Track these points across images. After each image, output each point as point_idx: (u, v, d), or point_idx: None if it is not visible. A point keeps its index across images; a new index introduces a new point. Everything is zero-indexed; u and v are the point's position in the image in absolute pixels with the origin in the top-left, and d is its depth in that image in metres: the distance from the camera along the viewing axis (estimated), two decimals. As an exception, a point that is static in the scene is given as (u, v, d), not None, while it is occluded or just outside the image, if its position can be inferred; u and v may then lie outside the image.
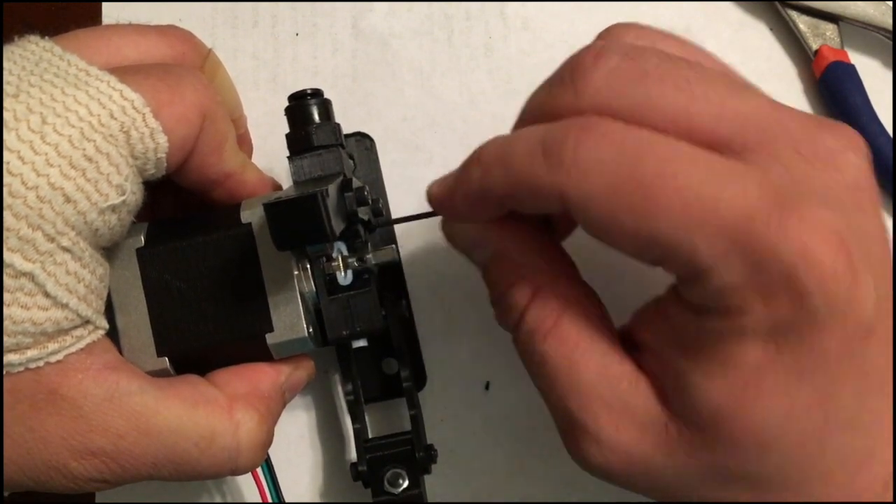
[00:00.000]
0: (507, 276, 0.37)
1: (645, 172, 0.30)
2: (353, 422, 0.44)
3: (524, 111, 0.36)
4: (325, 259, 0.40)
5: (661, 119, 0.31)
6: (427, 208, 0.38)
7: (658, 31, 0.36)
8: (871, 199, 0.32)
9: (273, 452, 0.41)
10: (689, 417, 0.32)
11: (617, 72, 0.32)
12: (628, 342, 0.35)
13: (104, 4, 0.52)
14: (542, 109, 0.34)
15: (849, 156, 0.32)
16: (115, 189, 0.35)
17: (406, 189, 0.50)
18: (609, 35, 0.37)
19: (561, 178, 0.31)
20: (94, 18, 0.52)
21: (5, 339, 0.33)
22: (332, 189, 0.37)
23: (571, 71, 0.33)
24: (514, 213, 0.35)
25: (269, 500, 0.42)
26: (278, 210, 0.35)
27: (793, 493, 0.32)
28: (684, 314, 0.32)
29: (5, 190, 0.32)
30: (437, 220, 0.50)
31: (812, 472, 0.32)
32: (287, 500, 0.43)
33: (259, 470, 0.41)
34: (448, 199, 0.37)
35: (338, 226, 0.37)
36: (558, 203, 0.31)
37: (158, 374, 0.38)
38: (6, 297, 0.33)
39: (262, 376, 0.39)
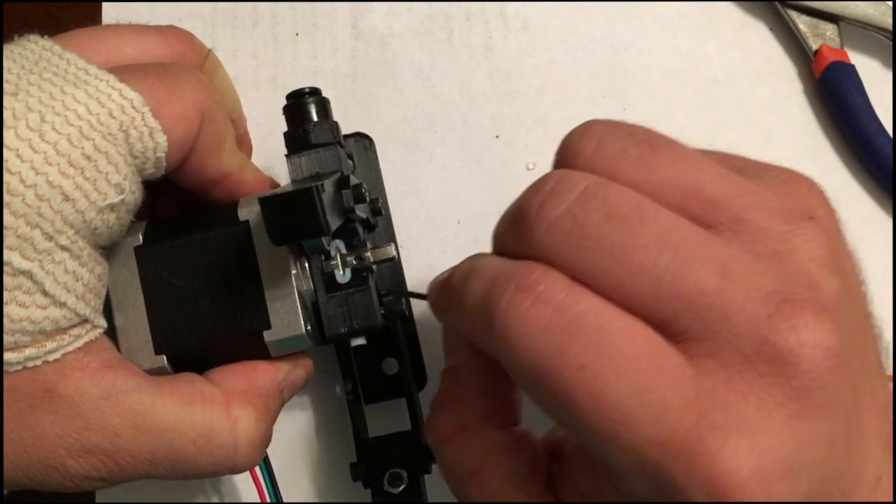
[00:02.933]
0: (448, 394, 0.37)
1: (566, 364, 0.28)
2: (353, 421, 0.44)
3: (493, 234, 0.34)
4: (323, 257, 0.40)
5: (600, 286, 0.30)
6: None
7: (622, 140, 0.32)
8: (822, 395, 0.28)
9: (272, 452, 0.41)
10: None
11: (557, 227, 0.30)
12: (558, 465, 0.35)
13: (104, 4, 0.52)
14: (502, 242, 0.33)
15: (803, 353, 0.28)
16: (113, 188, 0.35)
17: (406, 189, 0.50)
18: (565, 151, 0.33)
19: (493, 343, 0.30)
20: (93, 18, 0.52)
21: (3, 337, 0.33)
22: (329, 185, 0.37)
23: (519, 216, 0.32)
24: None
25: (268, 501, 0.42)
26: (273, 204, 0.35)
27: None
28: (607, 485, 0.32)
29: (4, 188, 0.32)
30: (437, 220, 0.50)
31: None
32: (286, 501, 0.43)
33: (258, 470, 0.41)
34: (434, 309, 0.37)
35: (333, 221, 0.37)
36: (496, 359, 0.31)
37: (156, 372, 0.38)
38: (4, 295, 0.33)
39: (260, 373, 0.39)
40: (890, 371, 0.35)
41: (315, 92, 0.43)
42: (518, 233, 0.31)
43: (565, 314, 0.29)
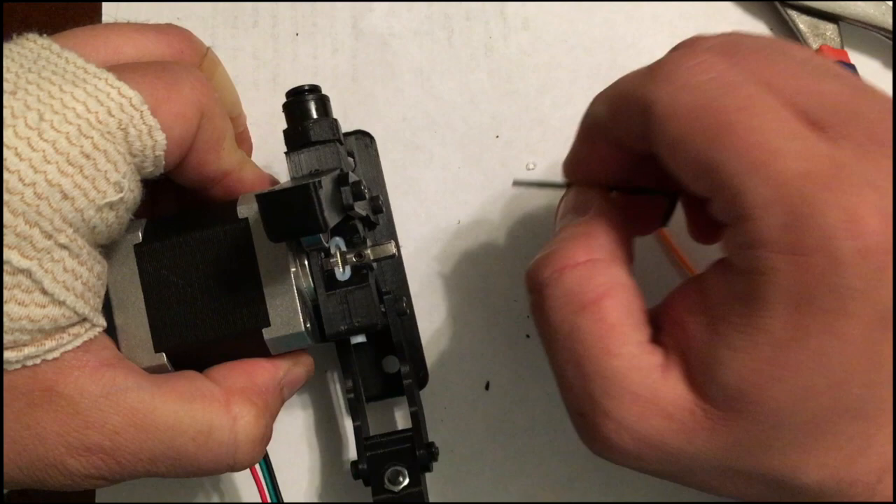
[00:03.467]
0: (573, 235, 0.37)
1: (728, 105, 0.32)
2: (354, 420, 0.44)
3: None
4: (322, 254, 0.40)
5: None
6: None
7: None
8: None
9: (272, 451, 0.41)
10: (715, 396, 0.32)
11: (717, 45, 0.35)
12: (659, 321, 0.36)
13: (103, 4, 0.52)
14: None
15: None
16: (112, 186, 0.35)
17: (406, 188, 0.50)
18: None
19: (654, 89, 0.33)
20: (93, 18, 0.52)
21: (3, 335, 0.33)
22: (327, 181, 0.37)
23: (676, 47, 0.36)
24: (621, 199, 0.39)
25: (269, 500, 0.42)
26: (271, 201, 0.35)
27: (790, 470, 0.33)
28: (716, 279, 0.33)
29: (3, 186, 0.32)
30: (438, 219, 0.50)
31: (812, 454, 0.32)
32: (286, 500, 0.43)
33: (258, 468, 0.41)
34: (573, 153, 0.40)
35: (332, 218, 0.37)
36: (642, 117, 0.34)
37: (156, 370, 0.38)
38: (4, 293, 0.33)
39: (260, 371, 0.39)
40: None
41: (315, 89, 0.43)
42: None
43: (729, 74, 0.33)
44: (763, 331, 0.31)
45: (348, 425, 0.45)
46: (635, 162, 0.38)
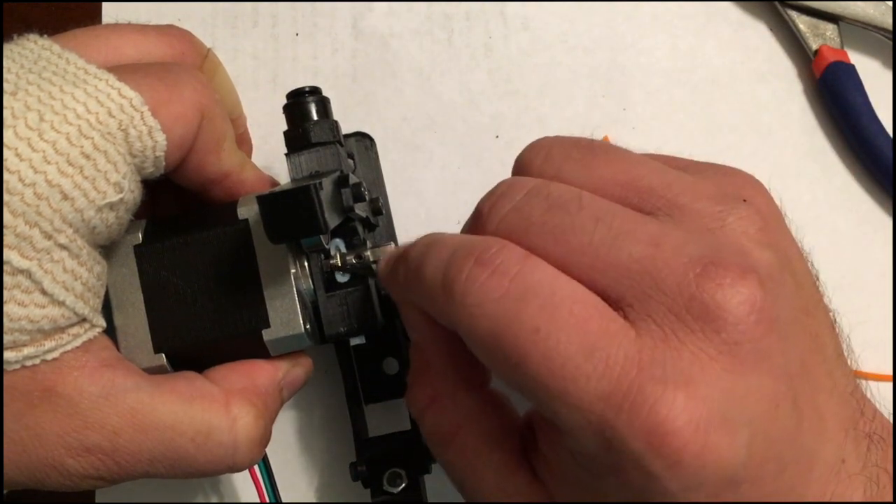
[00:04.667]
0: (418, 368, 0.39)
1: (521, 328, 0.31)
2: (353, 421, 0.44)
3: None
4: (322, 256, 0.40)
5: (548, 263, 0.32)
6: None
7: (566, 148, 0.36)
8: (752, 348, 0.30)
9: (271, 452, 0.41)
10: None
11: (506, 222, 0.34)
12: (531, 435, 0.36)
13: (104, 4, 0.52)
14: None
15: (728, 307, 0.30)
16: (112, 187, 0.35)
17: (406, 189, 0.50)
18: (519, 164, 0.37)
19: (452, 312, 0.33)
20: (93, 18, 0.52)
21: (2, 336, 0.33)
22: (327, 183, 0.37)
23: (474, 218, 0.35)
24: None
25: (267, 501, 0.42)
26: (271, 202, 0.35)
27: None
28: (564, 452, 0.33)
29: (3, 186, 0.32)
30: (438, 219, 0.50)
31: None
32: (285, 501, 0.42)
33: (257, 470, 0.41)
34: (386, 283, 0.39)
35: (332, 219, 0.37)
36: (454, 329, 0.33)
37: (156, 370, 0.38)
38: (3, 294, 0.33)
39: (260, 372, 0.39)
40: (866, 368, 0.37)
41: (315, 91, 0.43)
42: (473, 232, 0.35)
43: (521, 283, 0.31)
44: None
45: (347, 426, 0.45)
46: None
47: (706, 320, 0.30)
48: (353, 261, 0.40)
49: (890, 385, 0.48)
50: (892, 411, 0.36)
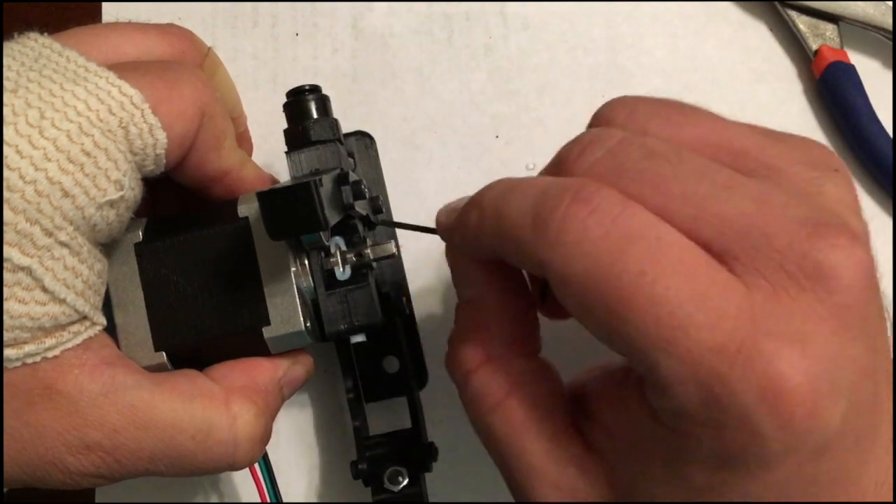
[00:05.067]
0: (470, 327, 0.37)
1: (625, 269, 0.29)
2: (353, 419, 0.44)
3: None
4: (323, 254, 0.40)
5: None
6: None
7: (652, 105, 0.35)
8: (859, 315, 0.29)
9: (272, 451, 0.41)
10: None
11: (597, 166, 0.32)
12: (581, 406, 0.35)
13: (104, 4, 0.52)
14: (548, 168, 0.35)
15: (842, 269, 0.29)
16: (113, 184, 0.35)
17: (406, 189, 0.50)
18: (599, 118, 0.35)
19: (544, 250, 0.31)
20: (93, 18, 0.52)
21: (3, 333, 0.33)
22: (327, 180, 0.37)
23: (557, 164, 0.33)
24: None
25: (268, 500, 0.42)
26: (271, 199, 0.35)
27: None
28: (641, 413, 0.32)
29: (4, 184, 0.32)
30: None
31: None
32: (285, 500, 0.42)
33: (257, 468, 0.41)
34: (450, 230, 0.37)
35: (332, 216, 0.37)
36: (541, 272, 0.31)
37: (156, 368, 0.38)
38: (4, 291, 0.33)
39: (260, 370, 0.39)
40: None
41: (315, 89, 0.43)
42: (559, 173, 0.32)
43: (623, 224, 0.29)
44: (685, 479, 0.31)
45: (348, 425, 0.45)
46: None
47: (819, 280, 0.29)
48: (354, 258, 0.40)
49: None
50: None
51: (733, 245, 0.30)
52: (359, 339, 0.42)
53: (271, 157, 0.49)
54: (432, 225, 0.39)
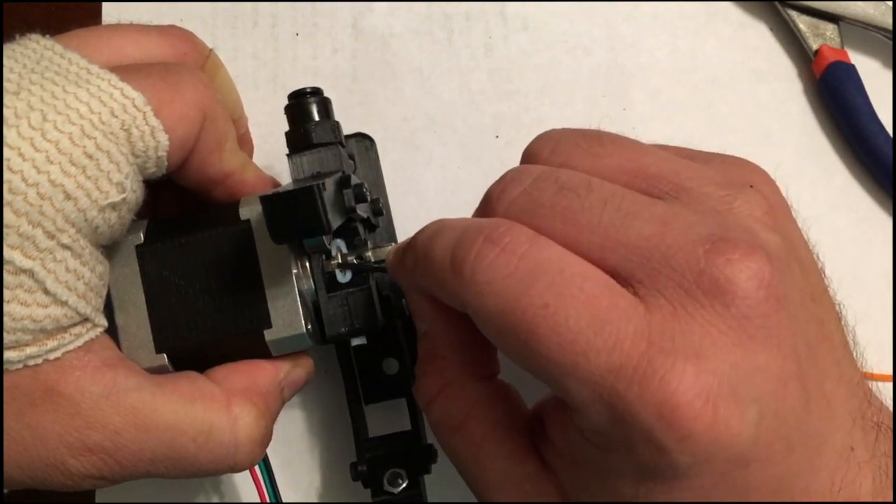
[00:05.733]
0: (427, 358, 0.38)
1: (530, 303, 0.31)
2: (353, 421, 0.44)
3: None
4: (324, 256, 0.40)
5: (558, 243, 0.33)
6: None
7: (574, 137, 0.37)
8: (760, 323, 0.30)
9: (272, 452, 0.41)
10: None
11: (515, 204, 0.34)
12: (539, 426, 0.37)
13: (104, 5, 0.52)
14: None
15: (740, 279, 0.30)
16: (115, 187, 0.35)
17: (406, 189, 0.50)
18: (527, 154, 0.38)
19: (461, 290, 0.33)
20: (94, 19, 0.52)
21: (4, 336, 0.33)
22: (330, 183, 0.37)
23: (484, 203, 0.36)
24: None
25: (268, 501, 0.42)
26: (274, 202, 0.35)
27: None
28: (577, 434, 0.33)
29: (6, 187, 0.32)
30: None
31: None
32: (285, 501, 0.42)
33: (257, 470, 0.41)
34: (392, 272, 0.39)
35: (335, 220, 0.37)
36: (464, 310, 0.33)
37: (157, 370, 0.38)
38: (6, 293, 0.33)
39: (261, 372, 0.39)
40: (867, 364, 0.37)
41: (317, 92, 0.43)
42: (483, 217, 0.35)
43: (530, 260, 0.31)
44: (616, 491, 0.32)
45: (348, 427, 0.45)
46: None
47: (715, 295, 0.30)
48: (354, 261, 0.40)
49: (890, 385, 0.48)
50: (892, 412, 0.36)
51: (636, 269, 0.31)
52: (359, 341, 0.42)
53: (271, 157, 0.49)
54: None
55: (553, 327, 0.30)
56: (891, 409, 0.36)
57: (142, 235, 0.40)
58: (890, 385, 0.48)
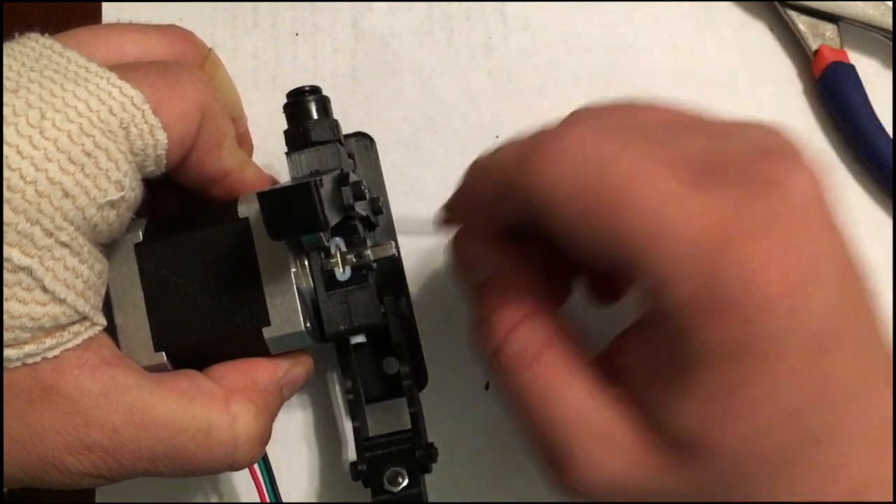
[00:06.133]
0: (501, 295, 0.37)
1: (607, 183, 0.32)
2: (353, 420, 0.44)
3: None
4: (323, 254, 0.40)
5: None
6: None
7: (607, 104, 0.37)
8: (817, 217, 0.32)
9: (272, 452, 0.41)
10: (668, 441, 0.33)
11: (581, 126, 0.34)
12: (607, 369, 0.36)
13: (104, 4, 0.52)
14: None
15: (793, 180, 0.31)
16: (113, 185, 0.35)
17: (406, 189, 0.50)
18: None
19: (530, 182, 0.33)
20: (94, 18, 0.52)
21: (3, 333, 0.33)
22: (328, 181, 0.37)
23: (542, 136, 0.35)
24: (519, 236, 0.37)
25: (267, 500, 0.42)
26: (272, 199, 0.35)
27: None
28: (653, 342, 0.34)
29: (4, 184, 0.32)
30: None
31: (779, 488, 0.32)
32: (285, 500, 0.42)
33: (257, 469, 0.41)
34: (454, 203, 0.39)
35: (332, 217, 0.37)
36: (529, 207, 0.33)
37: (156, 368, 0.38)
38: (4, 291, 0.33)
39: (260, 370, 0.39)
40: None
41: (315, 90, 0.43)
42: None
43: (601, 150, 0.32)
44: (703, 385, 0.31)
45: (348, 426, 0.45)
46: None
47: (774, 189, 0.31)
48: (354, 259, 0.40)
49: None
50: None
51: (704, 171, 0.32)
52: (358, 339, 0.42)
53: (271, 157, 0.49)
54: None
55: (632, 205, 0.31)
56: None
57: (140, 234, 0.40)
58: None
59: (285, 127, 0.43)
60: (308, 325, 0.39)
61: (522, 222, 0.36)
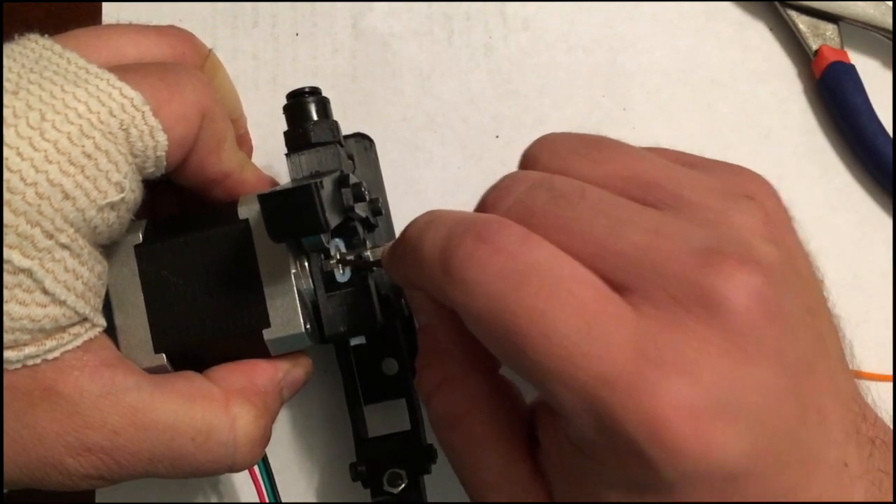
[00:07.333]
0: (430, 351, 0.38)
1: (520, 304, 0.30)
2: (353, 421, 0.44)
3: None
4: (322, 256, 0.40)
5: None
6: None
7: (572, 143, 0.36)
8: (754, 339, 0.29)
9: (271, 452, 0.41)
10: None
11: (509, 213, 0.33)
12: (532, 427, 0.36)
13: (104, 4, 0.52)
14: None
15: (732, 297, 0.29)
16: (113, 186, 0.35)
17: (406, 189, 0.50)
18: (525, 159, 0.37)
19: (450, 287, 0.32)
20: (94, 19, 0.52)
21: (3, 335, 0.33)
22: (328, 182, 0.37)
23: (480, 208, 0.35)
24: None
25: (267, 501, 0.42)
26: (272, 200, 0.35)
27: None
28: (563, 438, 0.33)
29: (4, 186, 0.32)
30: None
31: None
32: (285, 501, 0.42)
33: (257, 470, 0.41)
34: (386, 266, 0.38)
35: (333, 219, 0.37)
36: (452, 306, 0.32)
37: (156, 370, 0.38)
38: (5, 293, 0.33)
39: (260, 371, 0.39)
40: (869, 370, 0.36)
41: (315, 91, 0.43)
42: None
43: (520, 260, 0.31)
44: (605, 502, 0.32)
45: (347, 427, 0.45)
46: None
47: (707, 307, 0.29)
48: (353, 261, 0.40)
49: (890, 385, 0.48)
50: (891, 411, 0.36)
51: (627, 278, 0.30)
52: (358, 340, 0.42)
53: (271, 157, 0.49)
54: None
55: (542, 331, 0.30)
56: (885, 417, 0.35)
57: (140, 235, 0.40)
58: (890, 385, 0.48)
59: (285, 128, 0.43)
60: (308, 326, 0.39)
61: None
